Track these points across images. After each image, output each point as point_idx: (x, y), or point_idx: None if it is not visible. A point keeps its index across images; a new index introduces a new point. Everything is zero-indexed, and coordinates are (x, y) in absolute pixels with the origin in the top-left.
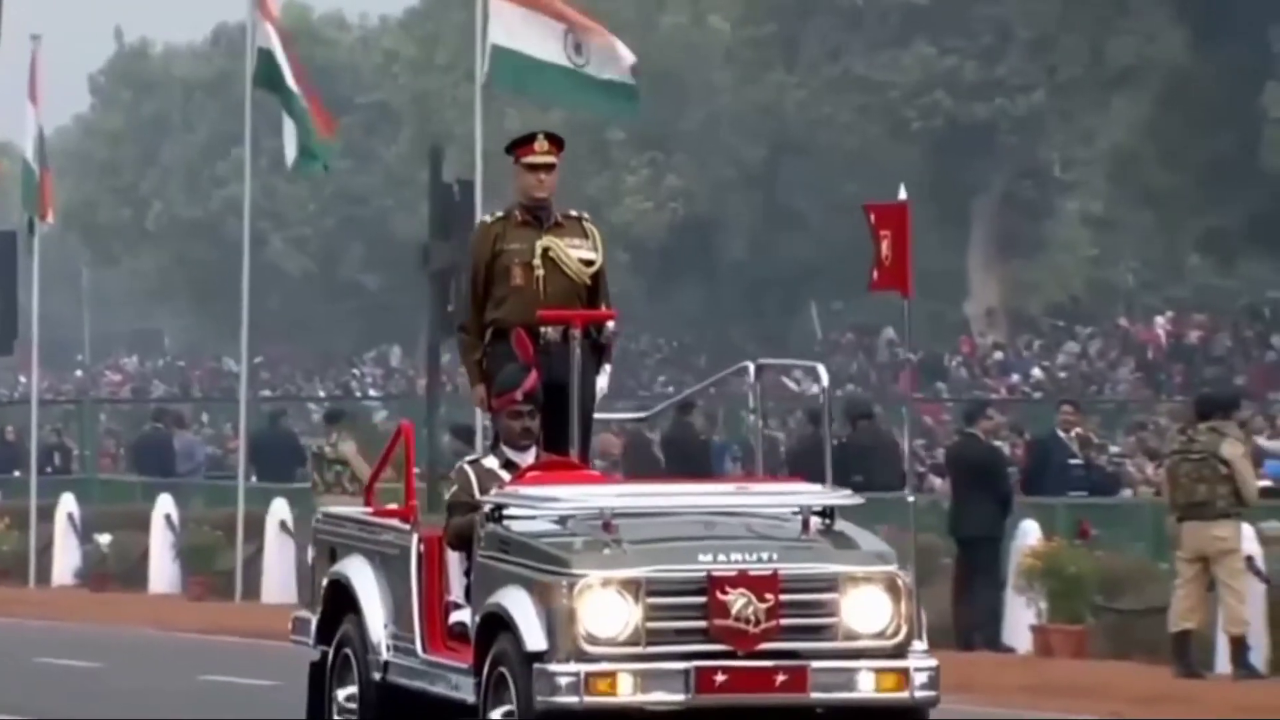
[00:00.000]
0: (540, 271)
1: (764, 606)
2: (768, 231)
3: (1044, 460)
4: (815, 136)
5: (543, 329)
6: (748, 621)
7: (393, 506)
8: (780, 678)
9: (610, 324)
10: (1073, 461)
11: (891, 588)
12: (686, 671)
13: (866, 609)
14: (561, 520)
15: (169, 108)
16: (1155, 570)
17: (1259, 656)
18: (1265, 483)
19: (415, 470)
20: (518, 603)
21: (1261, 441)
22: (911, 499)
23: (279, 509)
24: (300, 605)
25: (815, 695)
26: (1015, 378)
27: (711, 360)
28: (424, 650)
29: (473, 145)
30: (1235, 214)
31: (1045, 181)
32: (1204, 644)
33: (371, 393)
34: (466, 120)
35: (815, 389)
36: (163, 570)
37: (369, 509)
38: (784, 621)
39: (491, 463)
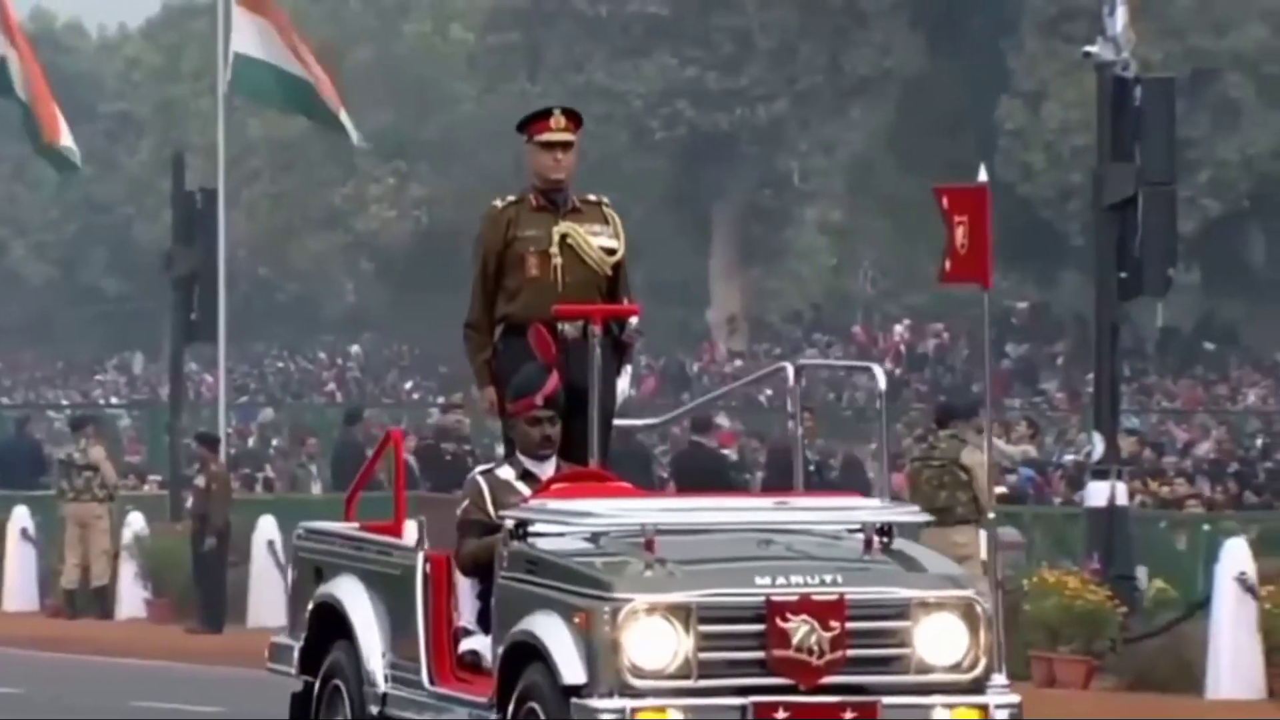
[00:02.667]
0: (558, 261)
1: (829, 635)
2: None
3: (784, 464)
4: None
5: (560, 325)
6: (811, 652)
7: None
8: (847, 715)
9: (633, 320)
10: (810, 468)
11: (968, 615)
12: (743, 707)
13: (941, 638)
14: (594, 538)
15: None
16: None
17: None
18: (1001, 489)
19: (157, 474)
20: (551, 630)
21: (1001, 445)
22: (991, 515)
23: (20, 516)
24: (46, 614)
25: None
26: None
27: (455, 369)
28: (431, 682)
29: (215, 153)
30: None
31: (785, 190)
32: None
33: (114, 400)
34: (209, 129)
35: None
36: None
37: (354, 524)
38: (851, 652)
39: (507, 474)
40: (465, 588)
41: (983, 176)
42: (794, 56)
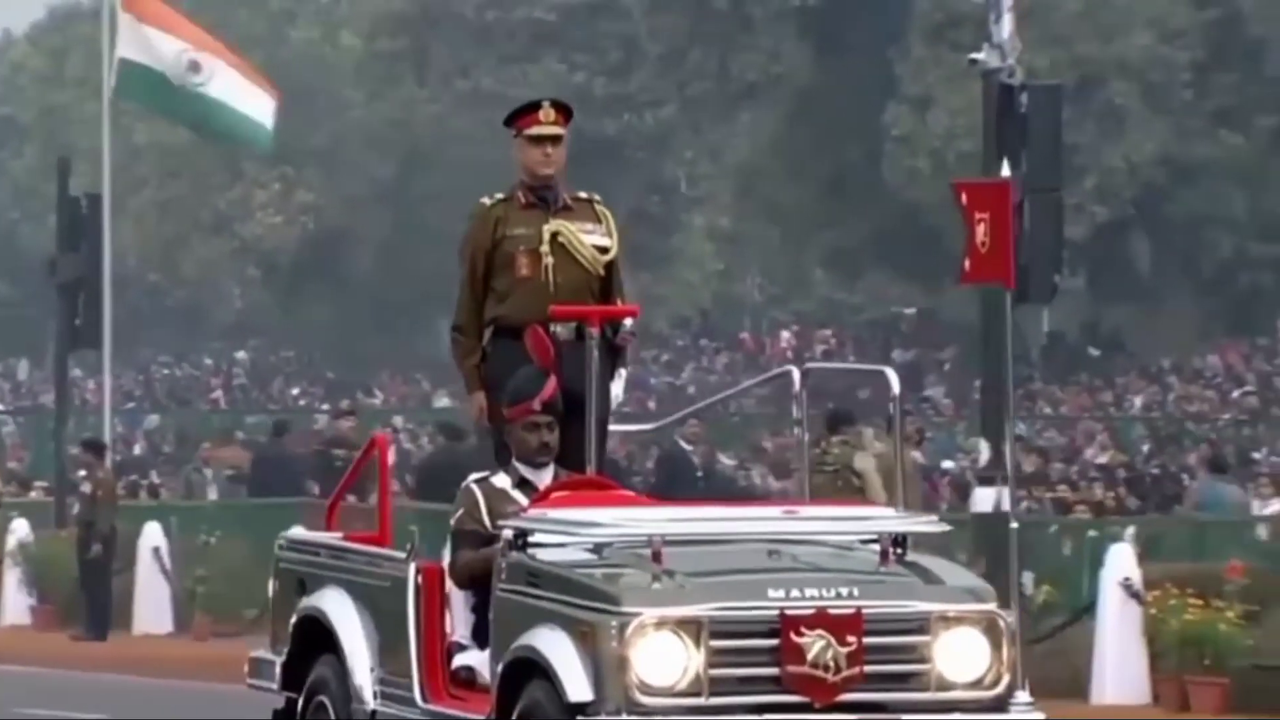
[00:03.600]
0: (549, 260)
1: (845, 651)
2: (399, 245)
3: (670, 472)
4: (446, 151)
5: (552, 327)
6: (826, 668)
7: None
8: None
9: (628, 321)
10: (698, 475)
11: (990, 629)
12: None
13: (962, 654)
14: (597, 549)
15: None
16: None
17: None
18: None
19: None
20: (555, 645)
21: (885, 450)
22: (1015, 525)
23: None
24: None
25: None
26: (642, 391)
27: (342, 374)
28: (423, 699)
29: (100, 159)
30: (859, 229)
31: (673, 196)
32: None
33: None
34: (94, 134)
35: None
36: None
37: (336, 533)
38: (868, 668)
39: (502, 482)
40: (459, 600)
41: (1005, 171)
42: (682, 63)
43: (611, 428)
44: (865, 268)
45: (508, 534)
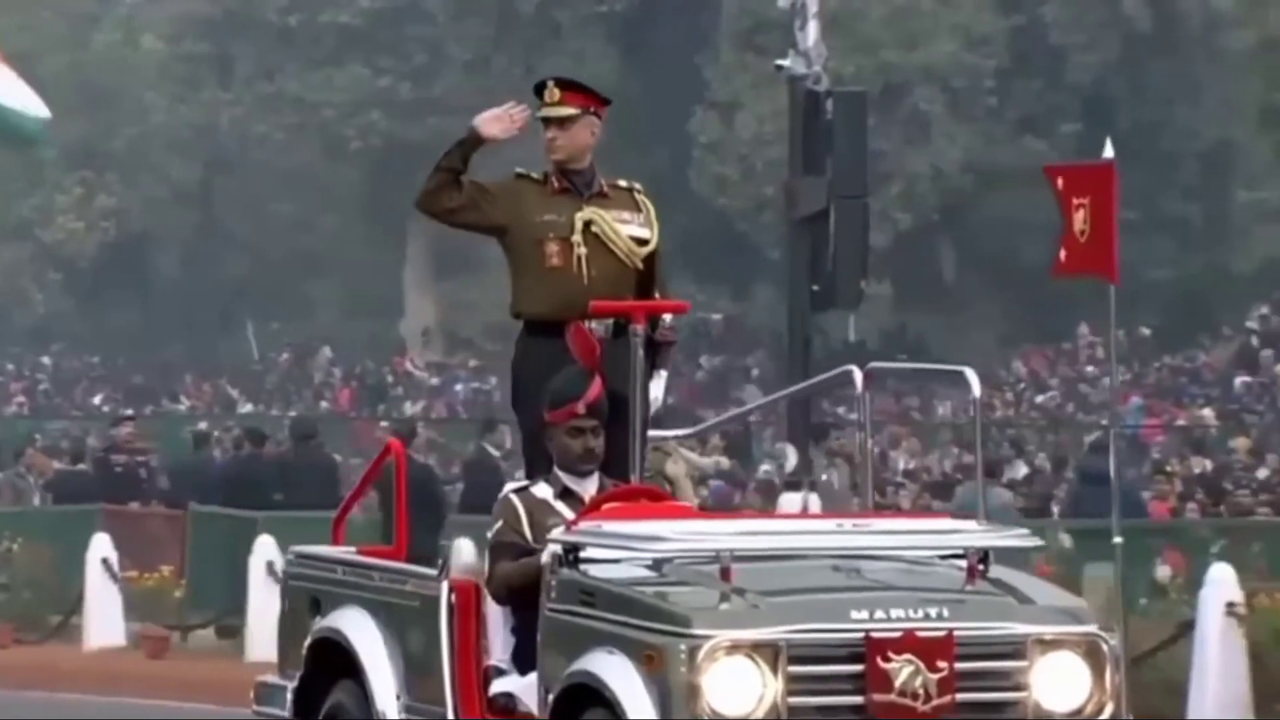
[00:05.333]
0: (581, 250)
1: (935, 677)
2: (202, 250)
3: (480, 478)
4: (250, 155)
5: (589, 323)
6: (915, 696)
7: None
8: None
9: (667, 318)
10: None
11: (1091, 654)
12: None
13: (1061, 680)
14: (656, 565)
15: None
16: None
17: None
18: (695, 502)
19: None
20: (616, 671)
21: (693, 457)
22: (1118, 540)
23: None
24: None
25: None
26: (452, 396)
27: (147, 379)
28: None
29: None
30: (667, 235)
31: None
32: None
33: None
34: None
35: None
36: None
37: (341, 546)
38: (960, 696)
39: (544, 492)
40: (497, 621)
41: (1108, 152)
42: (487, 67)
43: (650, 433)
44: (673, 273)
45: (556, 549)
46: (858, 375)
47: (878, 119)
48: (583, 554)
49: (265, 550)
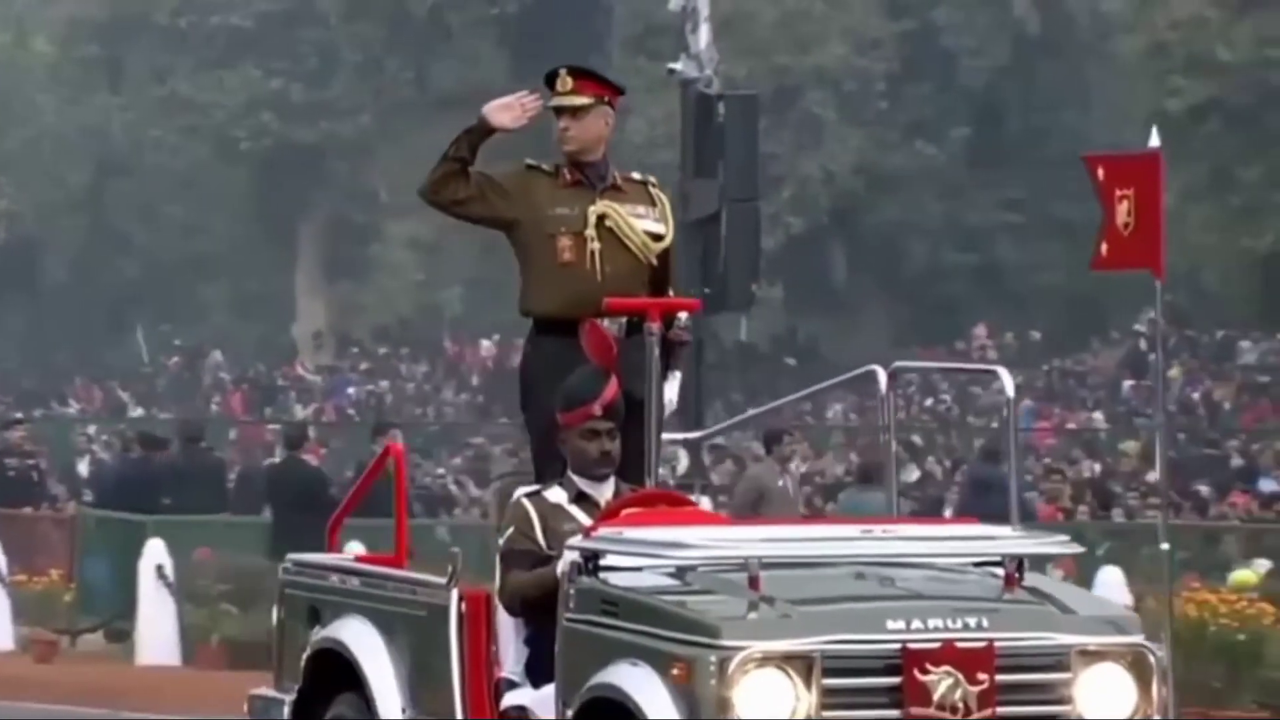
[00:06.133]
0: (595, 245)
1: (975, 690)
2: (93, 253)
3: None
4: (142, 158)
5: (602, 322)
6: (955, 709)
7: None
8: None
9: (682, 316)
10: (330, 490)
11: (1137, 665)
12: None
13: (1106, 692)
14: (679, 573)
15: None
16: None
17: None
18: None
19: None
20: (642, 683)
21: None
22: (1165, 546)
23: None
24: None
25: None
26: (342, 399)
27: (37, 383)
28: None
29: None
30: None
31: (373, 205)
32: None
33: None
34: None
35: None
36: None
37: (337, 552)
38: (1001, 709)
39: (557, 496)
40: (509, 631)
41: (1154, 141)
42: (380, 70)
43: (664, 436)
44: None
45: (575, 556)
46: (881, 375)
47: (769, 122)
48: (602, 561)
49: (155, 553)
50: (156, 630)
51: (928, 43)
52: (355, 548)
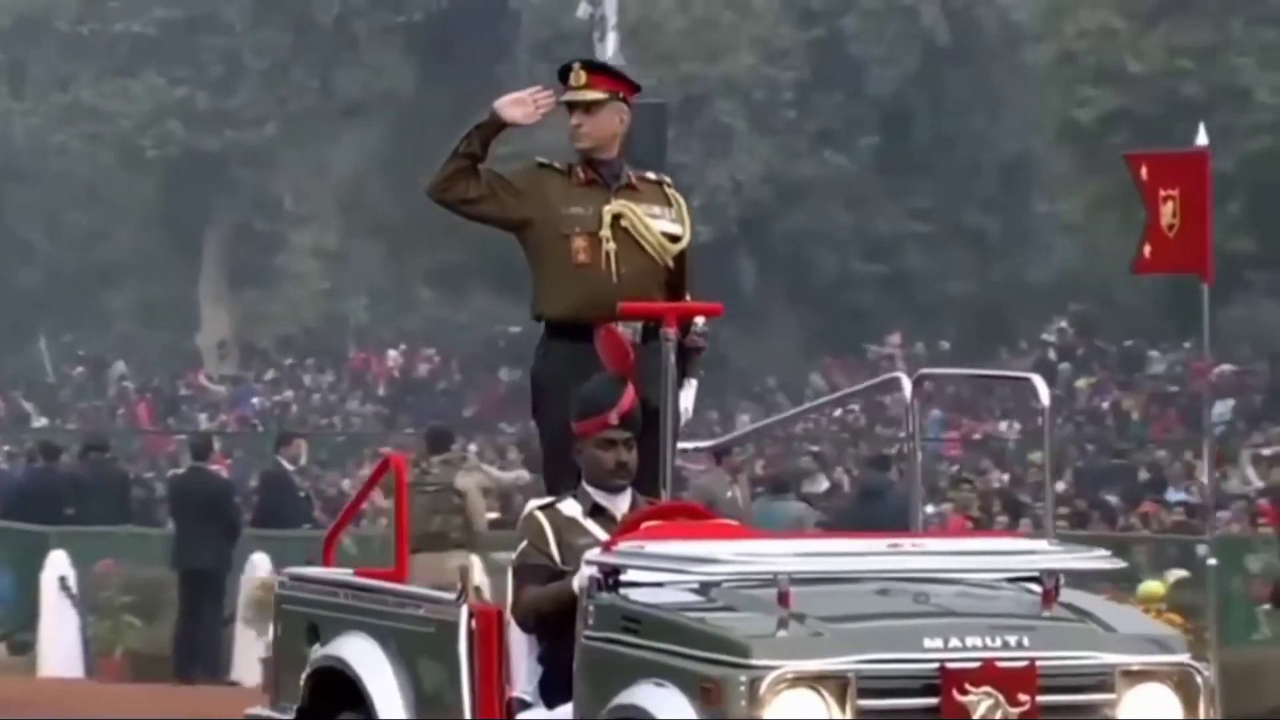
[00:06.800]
0: (610, 246)
1: (1016, 712)
2: None
3: (275, 493)
4: (45, 165)
5: (618, 327)
6: None
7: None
8: None
9: (699, 321)
10: (300, 495)
11: (1184, 686)
12: None
13: (1152, 714)
14: (704, 589)
15: None
16: None
17: None
18: (493, 515)
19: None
20: (668, 705)
21: (493, 471)
22: (1214, 564)
23: None
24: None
25: None
26: (246, 409)
27: None
28: None
29: None
30: (464, 247)
31: (277, 213)
32: None
33: None
34: None
35: None
36: None
37: (341, 570)
38: None
39: (572, 509)
40: (521, 649)
41: (1202, 139)
42: (285, 78)
43: (680, 445)
44: (471, 286)
45: (593, 571)
46: (905, 383)
47: (678, 131)
48: (623, 577)
49: (57, 565)
50: (59, 642)
51: (836, 52)
52: (261, 560)
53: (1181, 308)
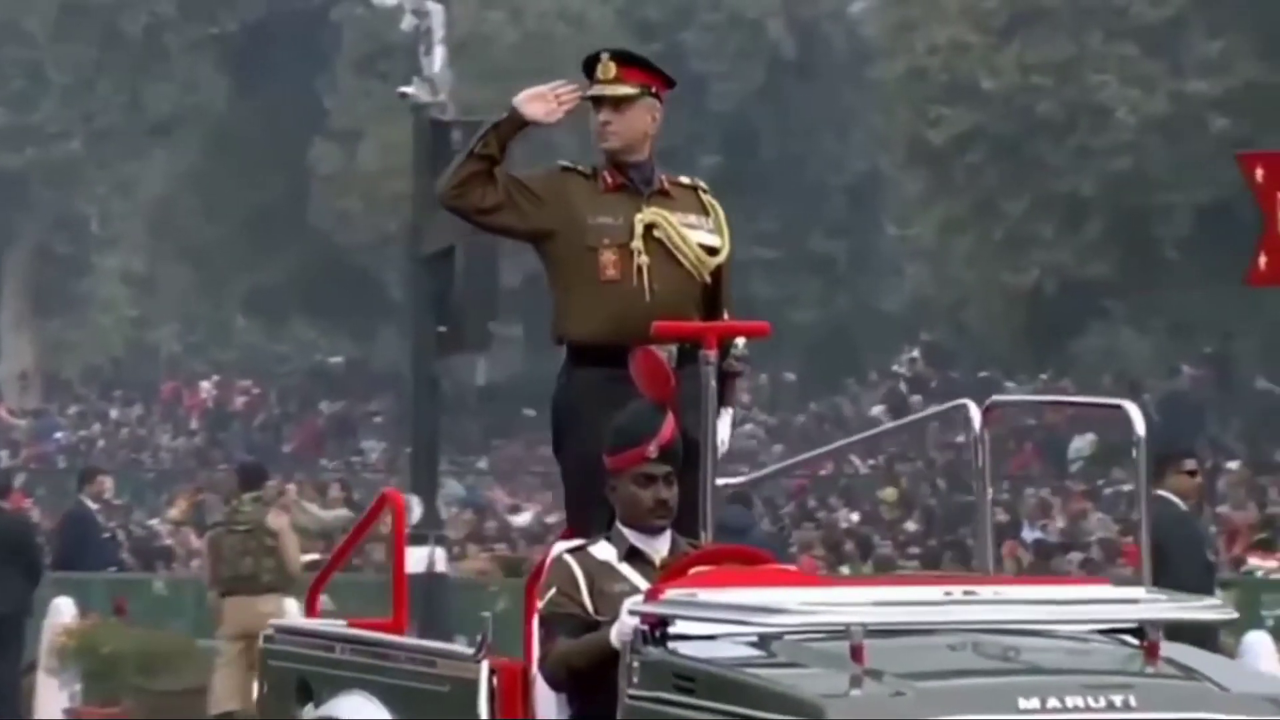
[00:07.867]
0: (643, 259)
1: None
2: None
3: (78, 533)
4: None
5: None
6: None
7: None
8: None
9: (740, 343)
10: (105, 536)
11: None
12: None
13: None
14: (764, 643)
15: None
16: (195, 649)
17: None
18: (311, 556)
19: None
20: None
21: (313, 509)
22: None
23: None
24: None
25: None
26: (49, 444)
27: None
28: None
29: None
30: (283, 273)
31: (83, 236)
32: None
33: None
34: None
35: None
36: None
37: (334, 621)
38: None
39: (605, 553)
40: (549, 707)
41: None
42: (91, 93)
43: (719, 481)
44: (290, 314)
45: (636, 623)
46: (974, 410)
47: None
48: (670, 629)
49: None
50: None
51: (677, 66)
52: (64, 604)
53: (1038, 336)
